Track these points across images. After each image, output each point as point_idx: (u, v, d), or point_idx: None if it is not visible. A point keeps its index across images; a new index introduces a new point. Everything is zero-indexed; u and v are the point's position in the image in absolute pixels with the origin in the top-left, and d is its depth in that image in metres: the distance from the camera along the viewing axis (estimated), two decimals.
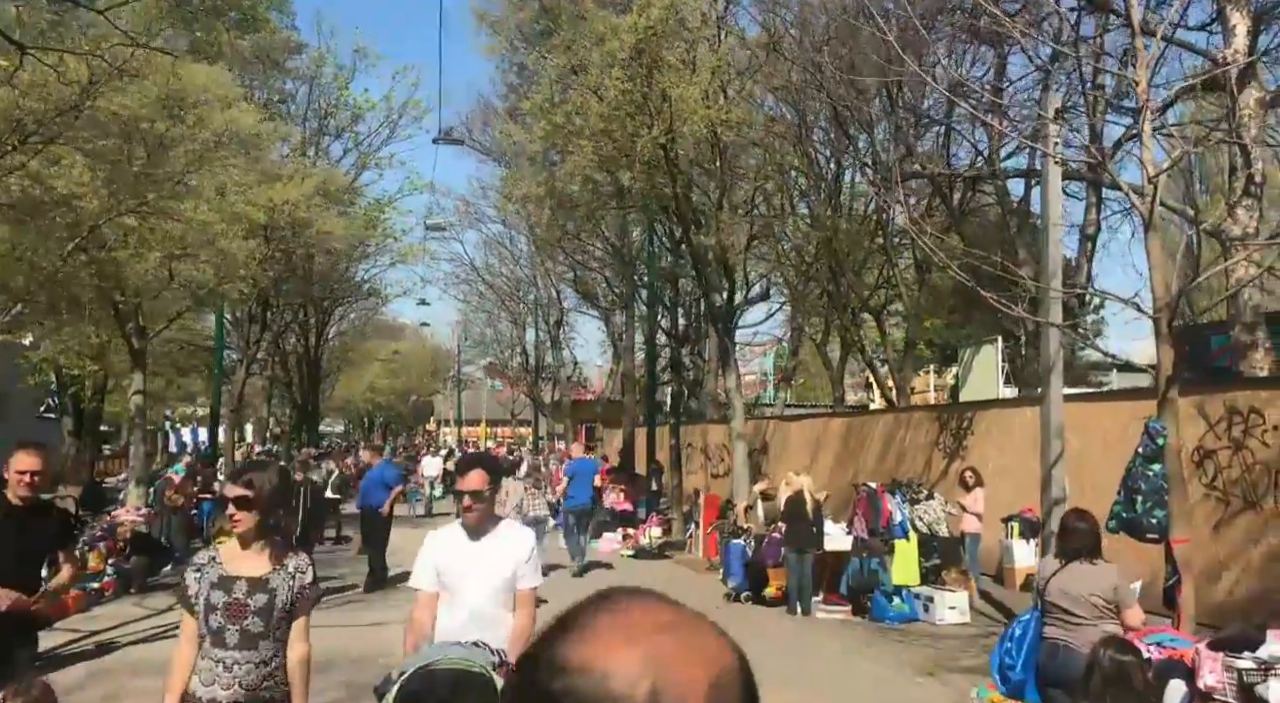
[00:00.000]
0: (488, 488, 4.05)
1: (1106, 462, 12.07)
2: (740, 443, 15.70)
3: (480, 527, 4.07)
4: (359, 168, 29.25)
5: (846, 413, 21.06)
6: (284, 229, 16.94)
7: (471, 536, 4.08)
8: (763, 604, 12.07)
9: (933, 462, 16.01)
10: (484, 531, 4.08)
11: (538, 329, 37.58)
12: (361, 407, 73.92)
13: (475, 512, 4.04)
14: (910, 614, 11.22)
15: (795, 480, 11.77)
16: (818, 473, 20.22)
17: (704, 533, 16.31)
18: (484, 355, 49.51)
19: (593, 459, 17.47)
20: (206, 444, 37.43)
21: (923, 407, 19.87)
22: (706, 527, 16.24)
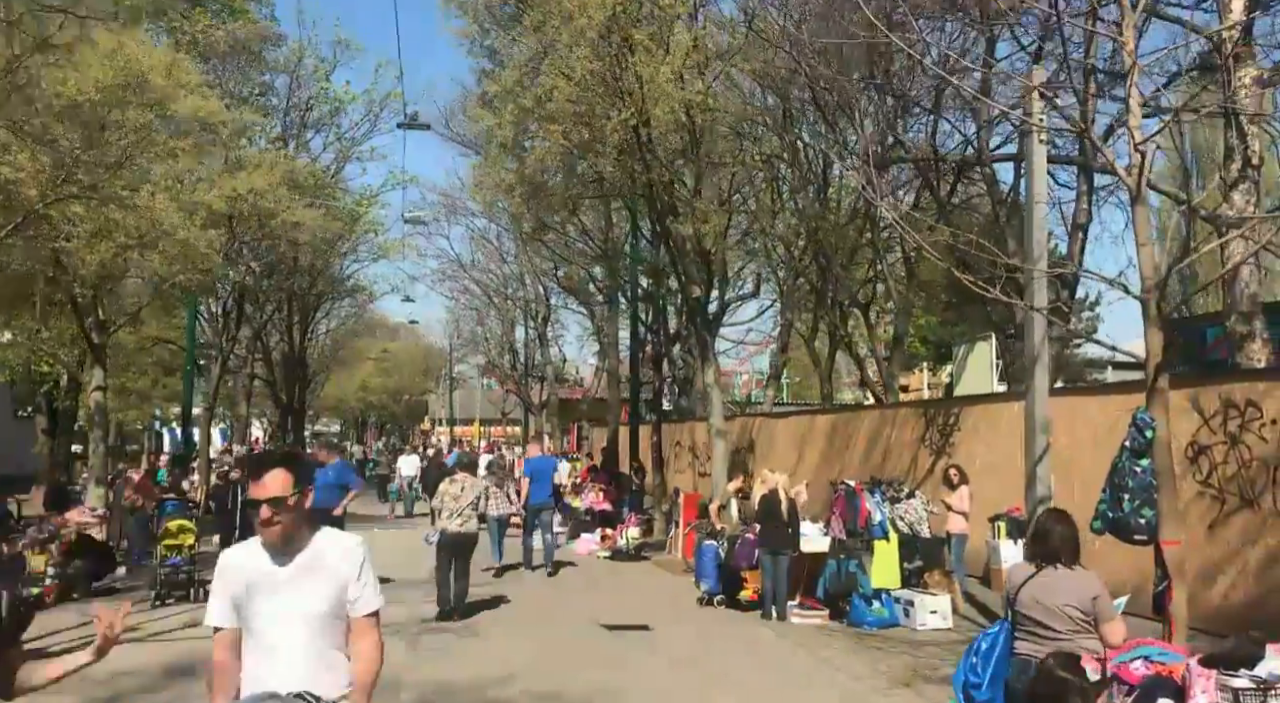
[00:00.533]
0: (293, 493, 3.18)
1: (1096, 459, 11.50)
2: (719, 440, 15.14)
3: (287, 544, 3.20)
4: (341, 161, 28.71)
5: (832, 410, 20.50)
6: (249, 219, 16.36)
7: (276, 556, 3.21)
8: (737, 608, 11.51)
9: (919, 459, 15.46)
10: (294, 548, 3.21)
11: (527, 327, 37.04)
12: (355, 406, 73.47)
13: (277, 525, 3.15)
14: (890, 619, 10.66)
15: (770, 478, 11.21)
16: (803, 471, 19.68)
17: (683, 533, 15.75)
18: (475, 354, 48.92)
19: (551, 458, 17.18)
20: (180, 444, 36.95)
21: (909, 403, 19.32)
22: (685, 527, 15.68)
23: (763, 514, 11.08)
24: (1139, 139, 5.97)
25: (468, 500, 11.08)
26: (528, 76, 13.70)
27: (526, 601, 12.18)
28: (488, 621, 10.77)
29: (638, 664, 8.86)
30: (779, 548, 10.90)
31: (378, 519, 22.88)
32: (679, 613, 11.36)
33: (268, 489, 3.13)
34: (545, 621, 10.84)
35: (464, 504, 11.05)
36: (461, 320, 44.56)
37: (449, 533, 11.00)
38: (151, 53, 14.69)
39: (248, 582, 3.19)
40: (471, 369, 56.40)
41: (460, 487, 11.25)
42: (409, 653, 9.04)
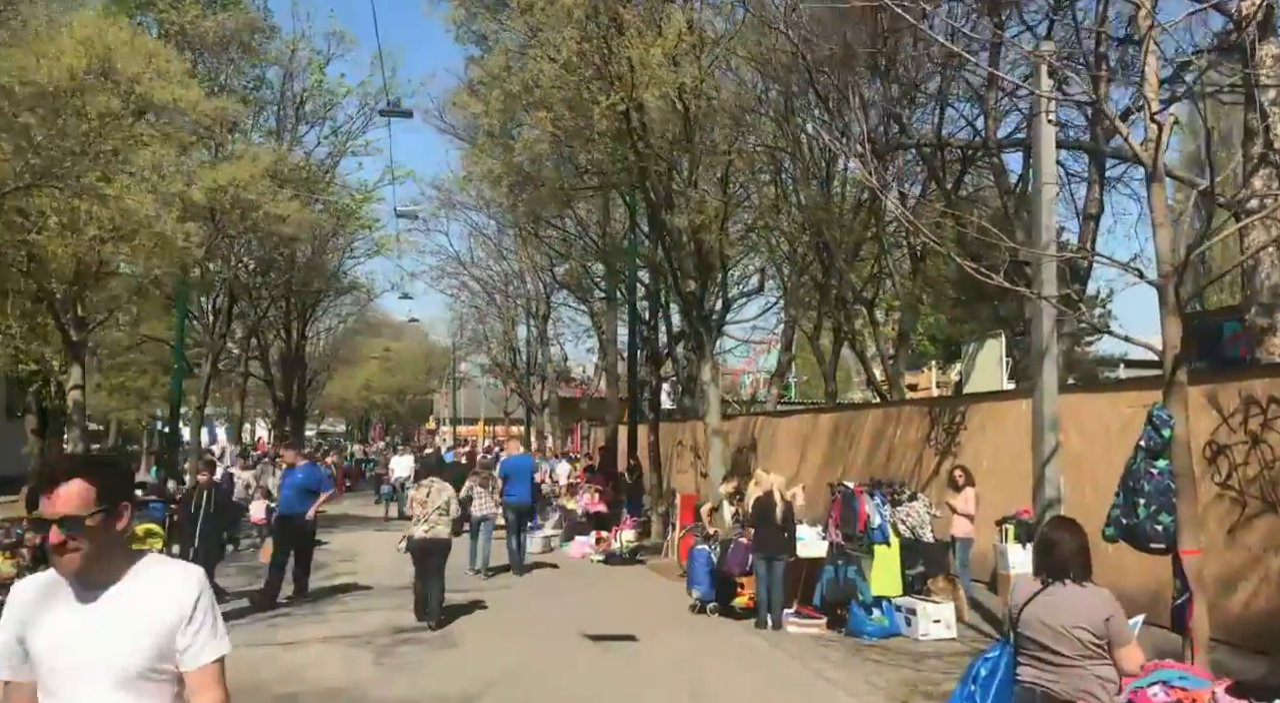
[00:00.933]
0: (95, 511, 2.39)
1: (1108, 461, 10.95)
2: (716, 440, 14.61)
3: (91, 577, 2.43)
4: (336, 156, 28.25)
5: (835, 409, 19.93)
6: (230, 212, 15.88)
7: (80, 591, 2.45)
8: (731, 616, 10.96)
9: (924, 459, 14.88)
10: (100, 581, 2.44)
11: (529, 325, 36.53)
12: (358, 406, 73.15)
13: (73, 553, 2.37)
14: (891, 628, 10.11)
15: (765, 479, 10.67)
16: (806, 472, 19.12)
17: (679, 536, 15.22)
18: (477, 352, 48.45)
19: (528, 457, 16.78)
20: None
21: (913, 401, 18.76)
22: (681, 529, 15.16)
23: (757, 518, 10.54)
24: (1155, 108, 5.41)
25: (435, 505, 10.42)
26: (515, 61, 13.17)
27: (509, 607, 11.66)
28: (465, 629, 10.26)
29: (619, 678, 8.34)
30: (774, 553, 10.36)
31: (373, 521, 22.41)
32: (669, 621, 10.82)
33: (58, 506, 2.35)
34: (527, 629, 10.32)
35: (431, 509, 10.41)
36: (464, 319, 44.15)
37: (416, 539, 10.45)
38: (127, 39, 14.25)
39: (40, 624, 2.44)
40: (475, 368, 55.94)
41: (426, 491, 10.59)
42: (376, 666, 8.53)
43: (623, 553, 15.31)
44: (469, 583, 13.05)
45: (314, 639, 9.36)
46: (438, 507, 10.42)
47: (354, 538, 18.70)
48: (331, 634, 9.58)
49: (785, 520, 10.45)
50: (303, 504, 11.08)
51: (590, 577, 14.27)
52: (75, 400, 16.19)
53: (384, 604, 11.38)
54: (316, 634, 9.57)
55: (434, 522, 10.40)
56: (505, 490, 14.25)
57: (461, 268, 34.54)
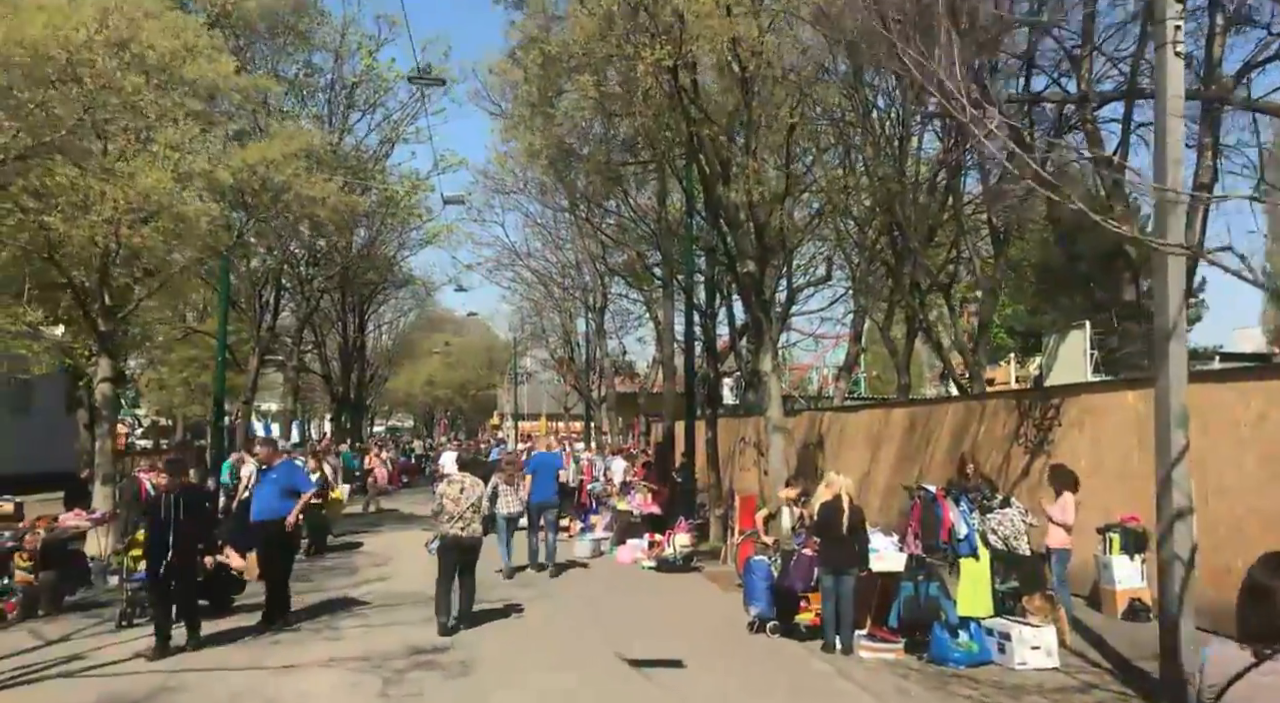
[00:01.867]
0: None
1: (1237, 465, 9.38)
2: (777, 437, 13.26)
3: None
4: (388, 144, 27.49)
5: (910, 403, 18.40)
6: (261, 194, 14.99)
7: None
8: (795, 636, 9.63)
9: (1012, 458, 13.35)
10: None
11: (587, 319, 35.48)
12: (423, 401, 73.04)
13: None
14: (981, 655, 8.68)
15: (834, 482, 9.30)
16: (878, 472, 17.65)
17: (737, 541, 13.91)
18: (537, 346, 47.64)
19: (556, 454, 16.30)
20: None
21: (1000, 393, 17.12)
22: (741, 534, 13.83)
23: (822, 526, 9.20)
24: None
25: (468, 502, 9.91)
26: (554, 23, 11.99)
27: (543, 621, 10.49)
28: (489, 648, 9.07)
29: None
30: (843, 567, 9.01)
31: (420, 519, 21.42)
32: (723, 642, 9.52)
33: None
34: (558, 651, 9.12)
35: (464, 507, 9.89)
36: (523, 313, 43.34)
37: (449, 538, 9.89)
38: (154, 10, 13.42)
39: None
40: (537, 363, 55.24)
41: (459, 487, 10.04)
42: (381, 699, 7.39)
43: (676, 560, 14.04)
44: (505, 590, 11.93)
45: (315, 662, 8.28)
46: (471, 504, 9.94)
47: (394, 539, 17.76)
48: (338, 656, 8.49)
49: (855, 529, 9.09)
50: (282, 508, 9.81)
51: (638, 586, 13.03)
52: (104, 394, 15.47)
53: (408, 618, 10.28)
54: (320, 656, 8.49)
55: (468, 520, 9.95)
56: (532, 488, 13.84)
57: (517, 259, 33.62)
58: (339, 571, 13.82)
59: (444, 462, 22.39)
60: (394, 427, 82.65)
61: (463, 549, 9.92)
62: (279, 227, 18.38)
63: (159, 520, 8.05)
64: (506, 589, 11.99)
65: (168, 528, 7.95)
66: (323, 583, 12.66)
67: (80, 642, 9.21)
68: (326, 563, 14.72)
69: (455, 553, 9.90)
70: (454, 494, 10.01)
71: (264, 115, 19.35)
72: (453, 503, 9.93)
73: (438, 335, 62.59)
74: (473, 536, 9.99)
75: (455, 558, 9.91)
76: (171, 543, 7.92)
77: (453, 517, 9.90)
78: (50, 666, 8.20)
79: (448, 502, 9.96)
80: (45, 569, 10.45)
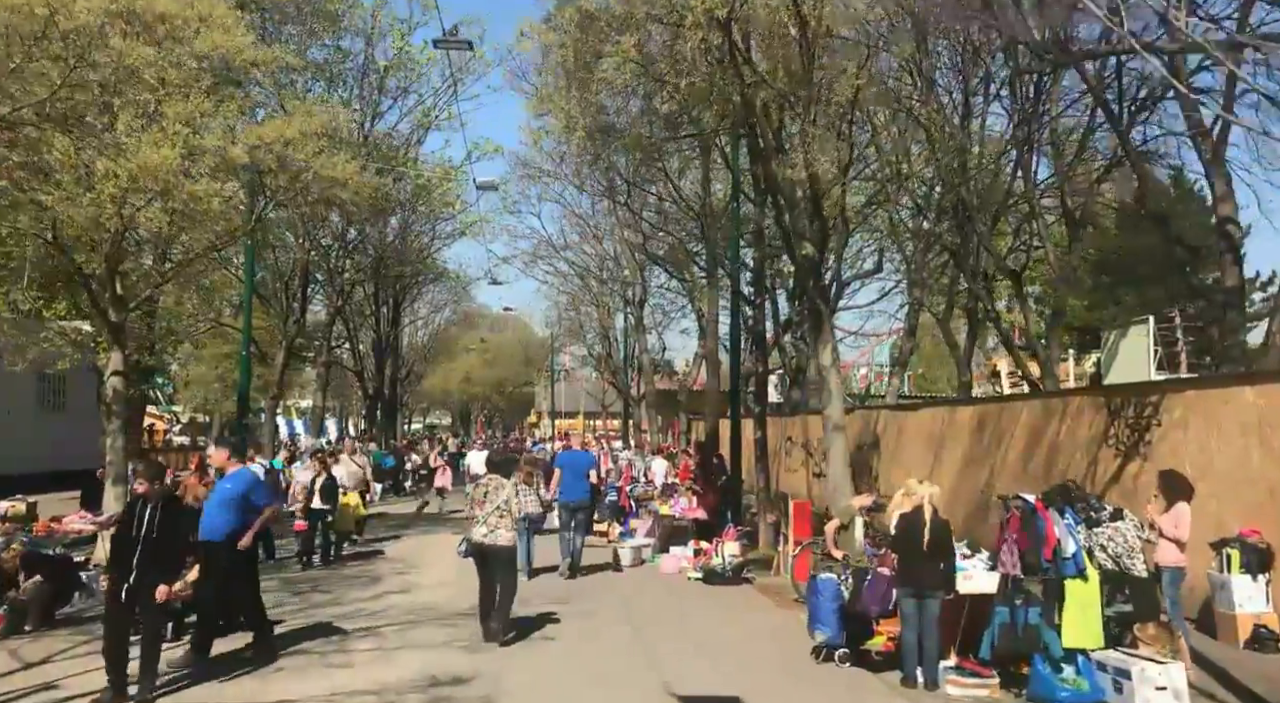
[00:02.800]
0: None
1: None
2: (837, 437, 12.00)
3: None
4: (421, 130, 26.53)
5: (978, 401, 17.05)
6: (276, 174, 13.97)
7: None
8: (867, 666, 8.40)
9: (1100, 462, 11.98)
10: None
11: (625, 313, 34.36)
12: (459, 398, 72.40)
13: None
14: (1092, 695, 7.39)
15: (916, 491, 8.06)
16: (941, 475, 16.32)
17: (792, 552, 12.69)
18: (575, 343, 46.65)
19: (586, 453, 15.49)
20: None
21: (1085, 390, 15.73)
22: (797, 545, 12.60)
23: (901, 541, 7.96)
24: None
25: (493, 504, 9.39)
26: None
27: (580, 642, 9.35)
28: (519, 679, 7.90)
29: None
30: (926, 588, 7.76)
31: (451, 522, 20.41)
32: (785, 672, 8.30)
33: None
34: (596, 680, 7.94)
35: (490, 510, 9.38)
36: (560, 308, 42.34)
37: (473, 543, 9.46)
38: None
39: None
40: (575, 360, 54.29)
41: (484, 489, 9.60)
42: None
43: (725, 571, 12.82)
44: (539, 604, 10.82)
45: (312, 698, 7.16)
46: (496, 507, 9.36)
47: (422, 543, 16.73)
48: (342, 689, 7.36)
49: (940, 546, 7.83)
50: (226, 525, 8.36)
51: (684, 600, 11.83)
52: (115, 388, 14.53)
53: (428, 639, 9.19)
54: (322, 689, 7.37)
55: (493, 524, 9.37)
56: (560, 487, 13.52)
57: (554, 251, 32.58)
58: (359, 580, 12.76)
59: (471, 462, 21.22)
60: (432, 424, 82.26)
61: (484, 555, 9.37)
62: (299, 210, 17.36)
63: (128, 533, 6.94)
64: (541, 604, 10.87)
65: (136, 543, 6.81)
66: (341, 595, 11.62)
67: (63, 664, 8.20)
68: (348, 571, 13.67)
69: (477, 558, 9.48)
70: (479, 497, 9.58)
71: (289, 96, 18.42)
72: (477, 506, 9.50)
73: (474, 332, 61.93)
74: (495, 542, 9.36)
75: (479, 563, 9.48)
76: (136, 563, 6.76)
77: (477, 520, 9.43)
78: (18, 697, 7.18)
79: (474, 505, 9.57)
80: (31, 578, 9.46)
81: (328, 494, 14.15)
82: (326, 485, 14.20)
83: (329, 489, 14.19)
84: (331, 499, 14.28)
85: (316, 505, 14.02)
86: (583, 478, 13.90)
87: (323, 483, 14.14)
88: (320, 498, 14.07)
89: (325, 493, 14.12)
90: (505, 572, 9.45)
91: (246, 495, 8.67)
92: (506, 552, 9.48)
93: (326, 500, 14.14)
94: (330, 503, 14.25)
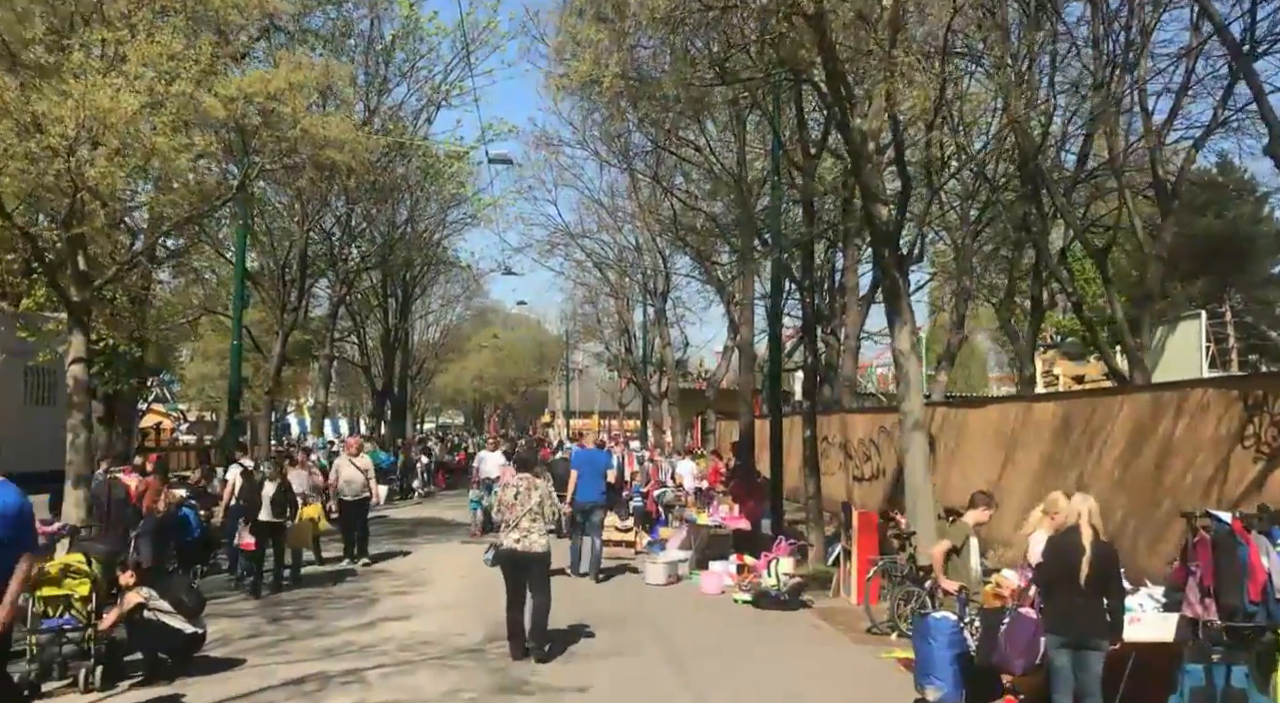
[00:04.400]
0: None
1: None
2: (916, 436, 10.04)
3: None
4: (431, 106, 24.65)
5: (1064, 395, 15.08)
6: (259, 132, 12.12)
7: None
8: None
9: (1233, 467, 9.98)
10: None
11: (644, 303, 32.44)
12: (472, 398, 70.56)
13: None
14: None
15: (1066, 508, 6.11)
16: (1013, 482, 14.36)
17: (859, 572, 10.77)
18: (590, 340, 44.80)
19: (603, 452, 14.44)
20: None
21: (1210, 381, 13.70)
22: (865, 565, 10.67)
23: (1049, 573, 6.02)
24: None
25: (526, 507, 8.45)
26: None
27: (618, 687, 7.46)
28: None
29: None
30: (1085, 636, 5.82)
31: (461, 528, 18.53)
32: None
33: None
34: None
35: (520, 514, 8.45)
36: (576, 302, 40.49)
37: (504, 550, 8.46)
38: None
39: None
40: (589, 358, 52.48)
41: (514, 491, 8.59)
42: None
43: (781, 593, 10.88)
44: (562, 640, 8.93)
45: None
46: (529, 510, 8.45)
47: (430, 556, 14.82)
48: None
49: (1105, 579, 5.88)
50: None
51: (738, 630, 9.90)
52: (77, 377, 12.76)
53: (424, 693, 7.27)
54: None
55: (526, 529, 8.45)
56: (575, 488, 12.60)
57: (570, 240, 30.70)
58: (352, 604, 10.81)
59: (482, 462, 19.08)
60: (445, 424, 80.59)
61: (517, 564, 8.42)
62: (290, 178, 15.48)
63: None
64: (564, 639, 8.98)
65: None
66: (326, 623, 9.71)
67: None
68: (340, 591, 11.72)
69: (509, 567, 8.46)
70: (508, 499, 8.58)
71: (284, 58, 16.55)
72: (508, 510, 8.49)
73: (487, 330, 60.21)
74: (529, 548, 8.40)
75: (511, 572, 8.47)
76: None
77: (507, 525, 8.47)
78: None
79: (504, 508, 8.57)
80: None
81: (279, 507, 11.40)
82: (277, 496, 11.43)
83: (280, 500, 11.42)
84: (282, 513, 11.49)
85: (266, 518, 11.37)
86: (600, 478, 13.08)
87: (273, 493, 11.42)
88: (270, 510, 11.37)
89: (276, 505, 11.37)
90: (540, 581, 8.53)
91: None
92: (542, 559, 8.55)
93: (278, 513, 11.45)
94: (281, 517, 11.48)
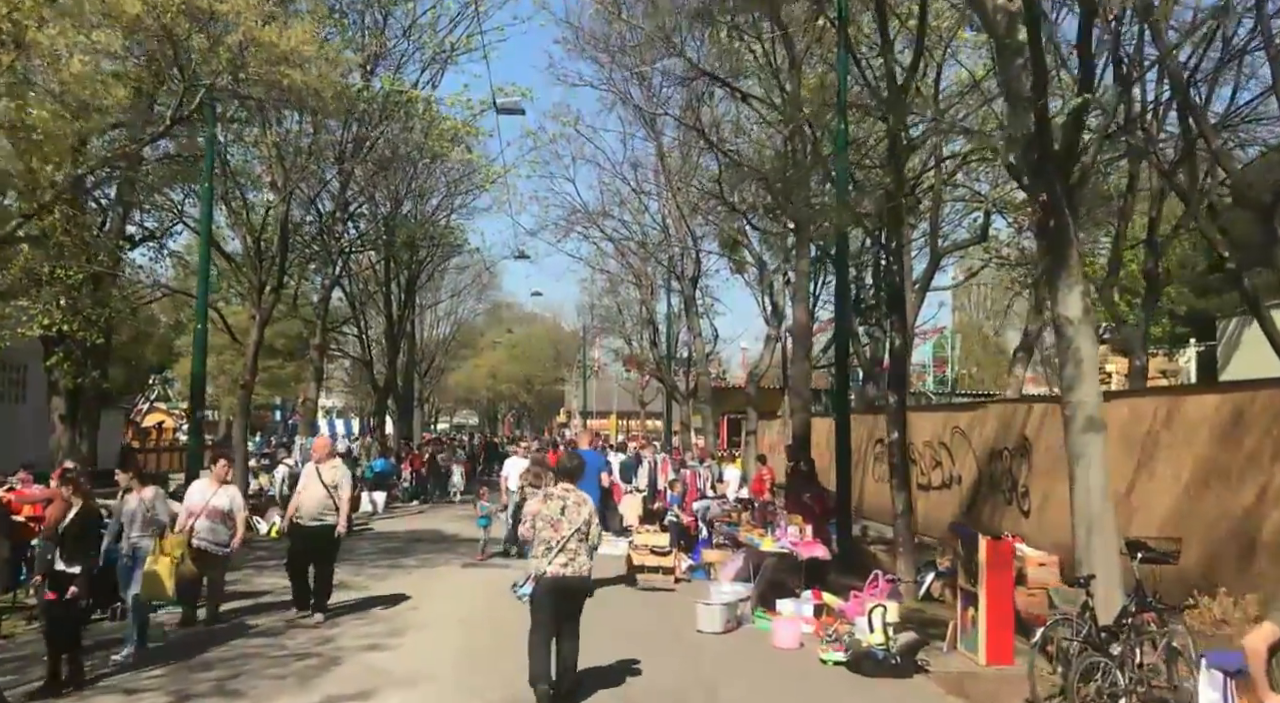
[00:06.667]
0: None
1: None
2: (1091, 439, 7.13)
3: None
4: (438, 71, 21.94)
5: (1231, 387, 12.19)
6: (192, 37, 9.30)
7: None
8: None
9: None
10: None
11: (668, 290, 29.61)
12: (485, 396, 67.94)
13: None
14: None
15: None
16: (1154, 497, 11.35)
17: (989, 622, 7.86)
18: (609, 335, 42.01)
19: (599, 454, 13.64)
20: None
21: None
22: (1000, 613, 7.76)
23: None
24: None
25: (573, 527, 7.07)
26: None
27: None
28: None
29: None
30: None
31: (463, 544, 15.64)
32: None
33: None
34: None
35: (567, 534, 7.06)
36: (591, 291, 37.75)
37: (548, 577, 7.04)
38: None
39: None
40: (608, 354, 49.83)
41: (559, 505, 7.19)
42: None
43: (890, 656, 7.94)
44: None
45: None
46: (577, 529, 7.10)
47: (420, 584, 11.94)
48: None
49: None
50: None
51: None
52: None
53: None
54: None
55: (573, 551, 7.14)
56: None
57: (590, 221, 27.91)
58: (298, 668, 7.88)
59: (507, 473, 15.73)
60: (460, 424, 78.24)
61: (565, 593, 7.12)
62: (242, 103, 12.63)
63: None
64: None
65: None
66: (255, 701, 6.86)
67: None
68: (293, 644, 8.82)
69: (553, 598, 7.09)
70: (552, 515, 7.16)
71: None
72: (551, 528, 7.10)
73: (500, 325, 57.67)
74: (578, 573, 7.17)
75: (553, 607, 7.10)
76: None
77: (551, 547, 7.09)
78: None
79: (543, 526, 7.13)
80: None
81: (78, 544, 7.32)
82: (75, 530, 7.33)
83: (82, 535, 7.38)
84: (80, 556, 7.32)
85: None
86: (593, 481, 11.48)
87: (67, 525, 7.34)
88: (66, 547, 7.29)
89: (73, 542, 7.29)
90: (577, 612, 7.26)
91: None
92: (589, 588, 7.35)
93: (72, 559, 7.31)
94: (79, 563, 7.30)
